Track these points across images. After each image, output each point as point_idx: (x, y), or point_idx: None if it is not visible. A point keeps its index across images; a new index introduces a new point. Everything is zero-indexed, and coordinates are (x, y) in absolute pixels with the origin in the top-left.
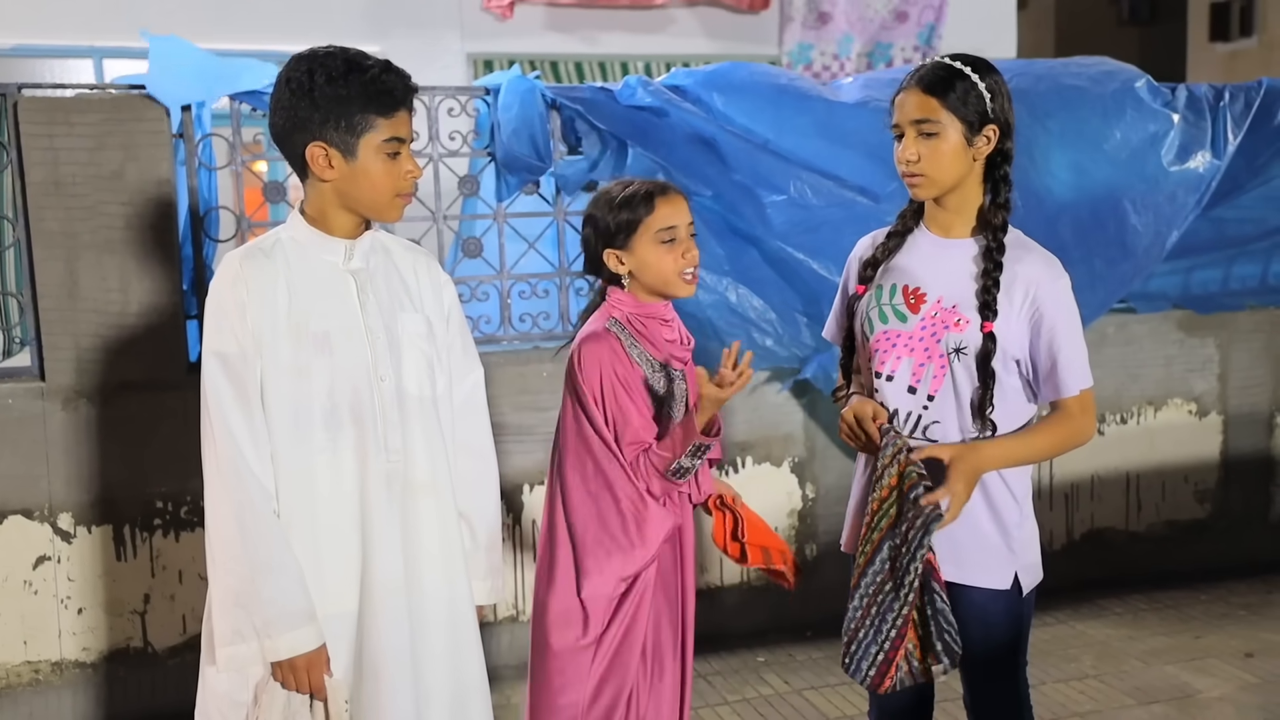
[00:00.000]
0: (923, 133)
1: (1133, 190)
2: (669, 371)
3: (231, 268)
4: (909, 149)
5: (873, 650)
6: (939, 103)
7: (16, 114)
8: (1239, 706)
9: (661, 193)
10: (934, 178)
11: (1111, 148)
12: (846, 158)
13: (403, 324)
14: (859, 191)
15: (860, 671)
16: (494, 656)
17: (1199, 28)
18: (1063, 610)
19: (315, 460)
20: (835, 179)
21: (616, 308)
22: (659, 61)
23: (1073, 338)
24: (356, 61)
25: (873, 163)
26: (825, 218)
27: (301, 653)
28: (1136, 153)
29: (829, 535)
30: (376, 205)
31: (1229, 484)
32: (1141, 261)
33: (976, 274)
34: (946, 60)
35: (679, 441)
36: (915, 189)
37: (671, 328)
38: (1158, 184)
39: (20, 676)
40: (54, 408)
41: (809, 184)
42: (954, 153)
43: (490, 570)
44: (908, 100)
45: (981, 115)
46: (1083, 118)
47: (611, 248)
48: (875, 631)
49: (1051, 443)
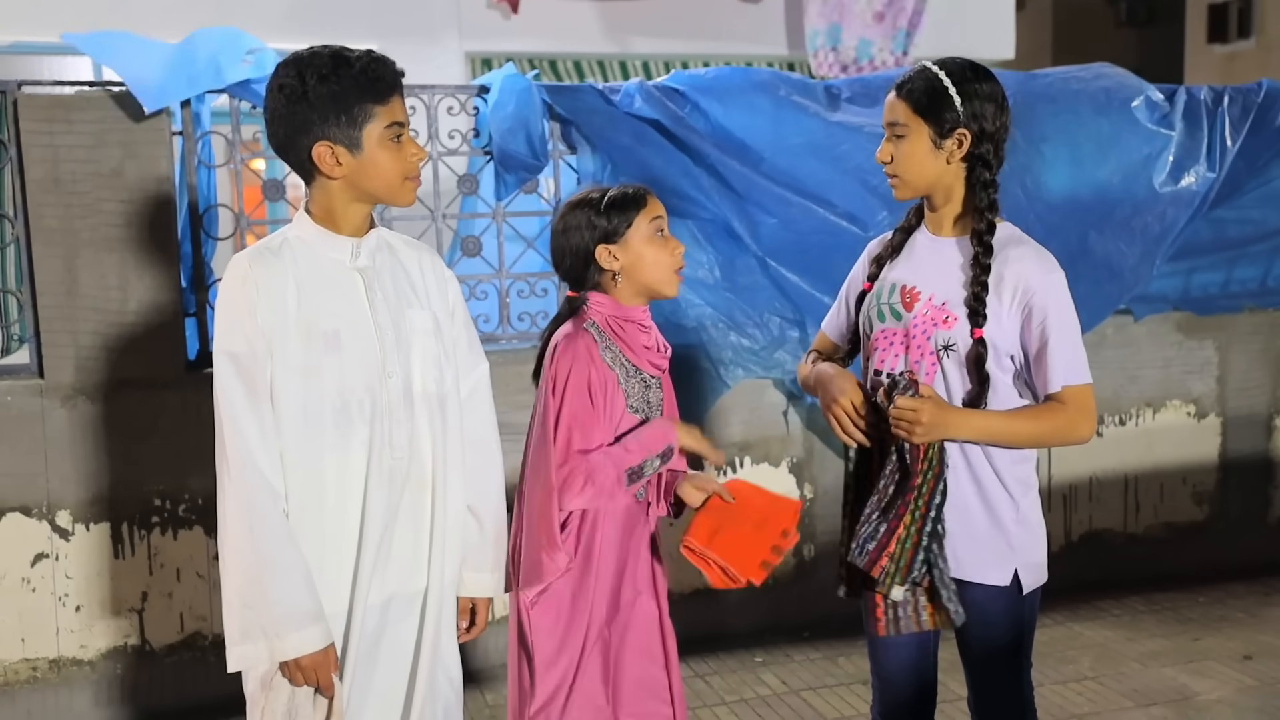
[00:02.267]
0: (894, 135)
1: (1123, 213)
2: (644, 378)
3: (240, 268)
4: (883, 150)
5: (881, 530)
6: (908, 107)
7: (16, 111)
8: (1237, 709)
9: (648, 191)
10: (905, 179)
11: (1105, 173)
12: (839, 182)
13: (410, 320)
14: (848, 219)
15: (864, 553)
16: (490, 656)
17: (1197, 29)
18: (1061, 612)
19: (325, 458)
20: (826, 204)
21: (596, 311)
22: (658, 61)
23: (1065, 329)
24: (342, 56)
25: (865, 190)
26: (814, 242)
27: (308, 652)
28: (1129, 175)
29: (827, 536)
30: (389, 191)
31: (1227, 486)
32: (1128, 282)
33: (966, 277)
34: (925, 64)
35: (650, 440)
36: (893, 189)
37: (649, 334)
38: (1149, 205)
39: (18, 674)
40: (53, 405)
41: (799, 209)
42: (921, 155)
43: (496, 563)
44: (888, 103)
45: (953, 120)
46: (1076, 142)
47: (605, 243)
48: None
49: (1036, 428)
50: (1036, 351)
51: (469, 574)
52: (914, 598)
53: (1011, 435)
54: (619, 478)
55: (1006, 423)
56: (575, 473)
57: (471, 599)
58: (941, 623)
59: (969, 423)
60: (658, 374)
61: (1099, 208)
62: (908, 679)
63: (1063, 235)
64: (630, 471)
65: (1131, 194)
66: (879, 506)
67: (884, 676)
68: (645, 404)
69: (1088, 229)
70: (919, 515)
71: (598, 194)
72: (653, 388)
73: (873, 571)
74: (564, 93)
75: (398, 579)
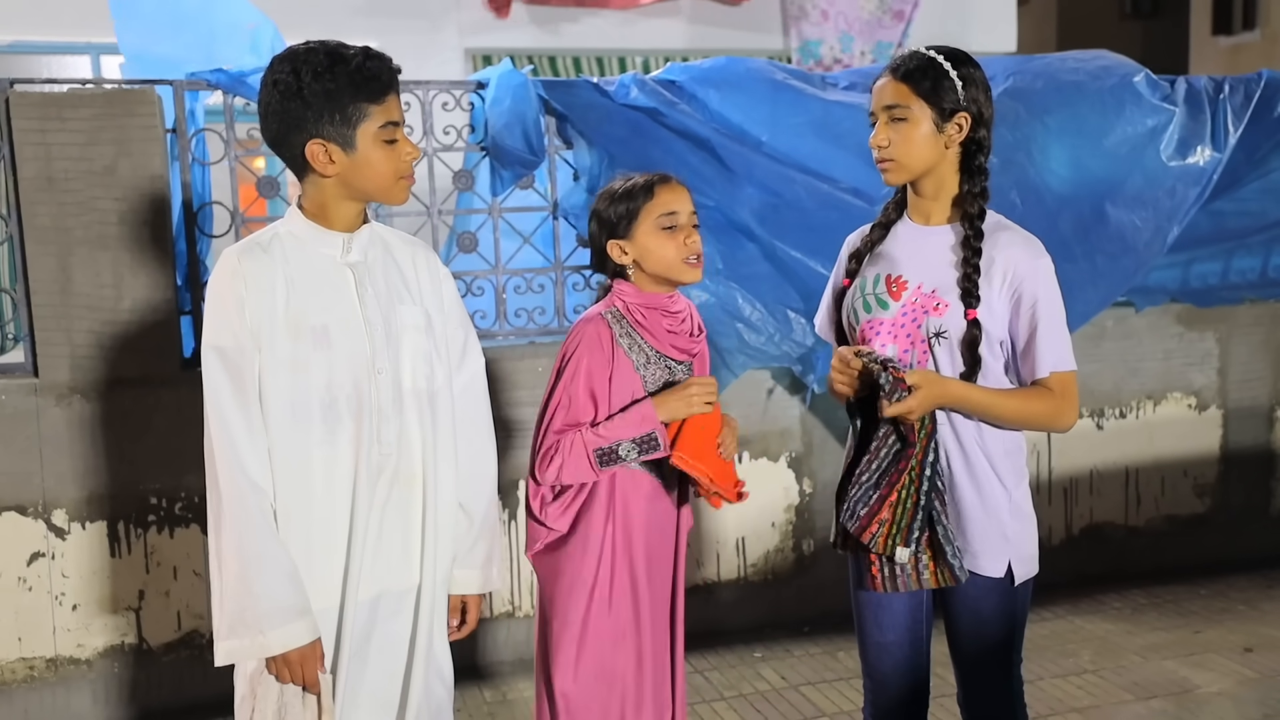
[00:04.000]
0: (893, 118)
1: (1133, 185)
2: (668, 363)
3: (230, 263)
4: (879, 134)
5: (870, 495)
6: (910, 89)
7: (9, 109)
8: (1238, 701)
9: (662, 181)
10: (903, 163)
11: (1111, 143)
12: (841, 158)
13: (401, 316)
14: (853, 193)
15: (855, 517)
16: (491, 652)
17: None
18: (1061, 605)
19: (313, 454)
20: (830, 180)
21: (619, 298)
22: (657, 56)
23: (1052, 317)
24: (338, 53)
25: (867, 165)
26: (821, 219)
27: (294, 647)
28: (1136, 148)
29: (826, 531)
30: (382, 190)
31: (1228, 478)
32: (1143, 256)
33: (956, 261)
34: (921, 49)
35: (630, 423)
36: (885, 174)
37: (676, 318)
38: (1158, 179)
39: (15, 673)
40: (48, 404)
41: (803, 186)
42: (923, 139)
43: (486, 560)
44: (883, 88)
45: (953, 103)
46: (1081, 114)
47: (614, 238)
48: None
49: (1023, 409)
50: (1026, 337)
51: (459, 571)
52: (914, 555)
53: (1000, 410)
54: (589, 457)
55: (996, 397)
56: (550, 448)
57: (462, 596)
58: (945, 579)
59: (960, 390)
60: (685, 358)
61: (1109, 179)
62: (901, 680)
63: (1075, 207)
64: (600, 452)
65: (1141, 166)
66: (873, 472)
67: (876, 678)
68: (668, 388)
69: (1100, 199)
70: (915, 474)
71: (618, 184)
72: (678, 373)
73: (862, 537)
74: (559, 87)
75: (387, 575)
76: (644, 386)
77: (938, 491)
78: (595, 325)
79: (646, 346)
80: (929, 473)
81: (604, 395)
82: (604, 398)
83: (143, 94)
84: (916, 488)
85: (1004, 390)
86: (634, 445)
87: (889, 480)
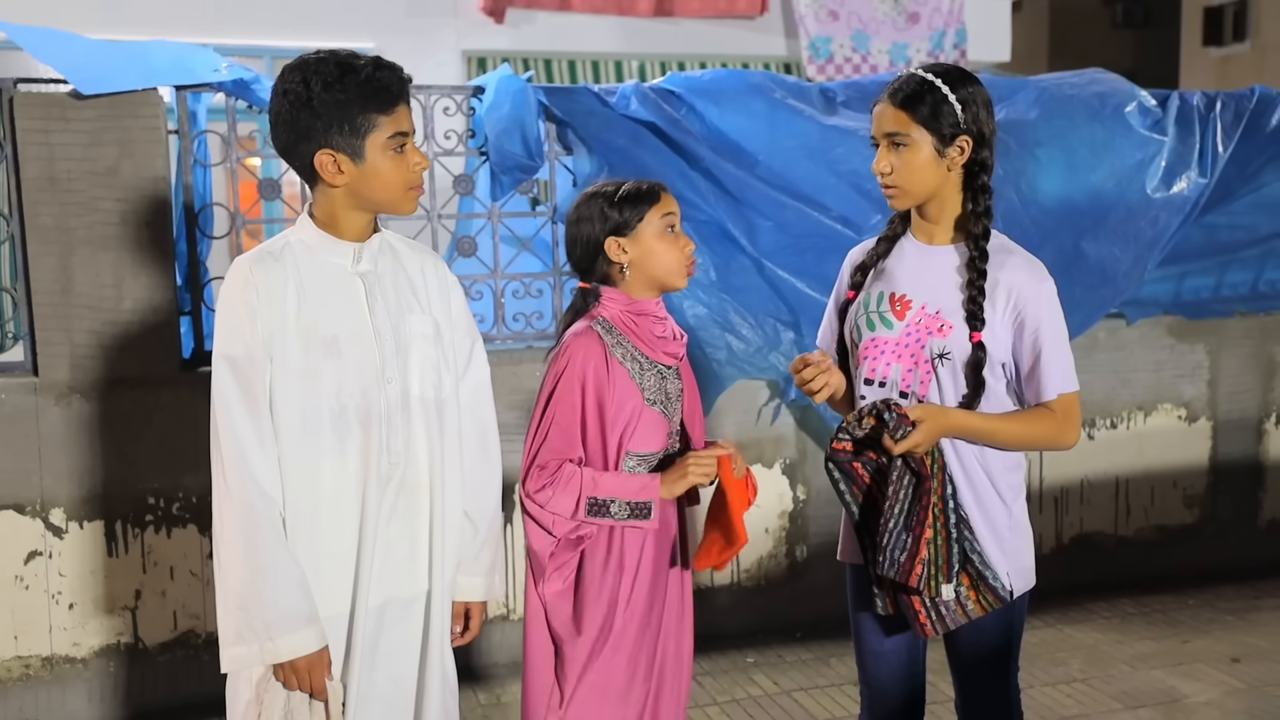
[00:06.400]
0: (894, 144)
1: (1116, 217)
2: (660, 369)
3: (241, 271)
4: (881, 161)
5: (904, 538)
6: (909, 116)
7: (12, 109)
8: (1225, 711)
9: (662, 186)
10: (906, 189)
11: (1098, 177)
12: (833, 185)
13: (410, 326)
14: (842, 222)
15: (895, 564)
16: (485, 655)
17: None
18: (1051, 614)
19: (322, 462)
20: (821, 207)
21: (607, 306)
22: (654, 61)
23: (1056, 340)
24: (348, 63)
25: (859, 193)
26: (809, 244)
27: (302, 655)
28: (1122, 180)
29: (819, 537)
30: (391, 201)
31: (1218, 489)
32: (1121, 286)
33: (960, 282)
34: (919, 72)
35: (632, 488)
36: (891, 200)
37: (664, 324)
38: (1142, 210)
39: (11, 671)
40: (47, 403)
41: (793, 212)
42: (925, 165)
43: (490, 567)
44: (882, 113)
45: (954, 127)
46: (1071, 147)
47: (616, 236)
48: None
49: (1025, 431)
50: (1031, 362)
51: (463, 578)
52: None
53: (1004, 435)
54: (580, 501)
55: (998, 423)
56: (545, 465)
57: (465, 603)
58: (990, 604)
59: (963, 420)
60: (674, 363)
61: (1093, 212)
62: (898, 689)
63: (1057, 239)
64: (592, 501)
65: (1124, 199)
66: (898, 516)
67: (874, 686)
68: (663, 395)
69: (1082, 233)
70: (939, 511)
71: (613, 187)
72: (669, 378)
73: (909, 581)
74: (560, 94)
75: (394, 583)
76: (641, 394)
77: (963, 521)
78: (587, 339)
79: (639, 354)
80: (952, 504)
81: (609, 406)
82: (609, 408)
83: (146, 96)
84: (943, 522)
85: (1005, 415)
86: (627, 506)
87: (917, 519)
